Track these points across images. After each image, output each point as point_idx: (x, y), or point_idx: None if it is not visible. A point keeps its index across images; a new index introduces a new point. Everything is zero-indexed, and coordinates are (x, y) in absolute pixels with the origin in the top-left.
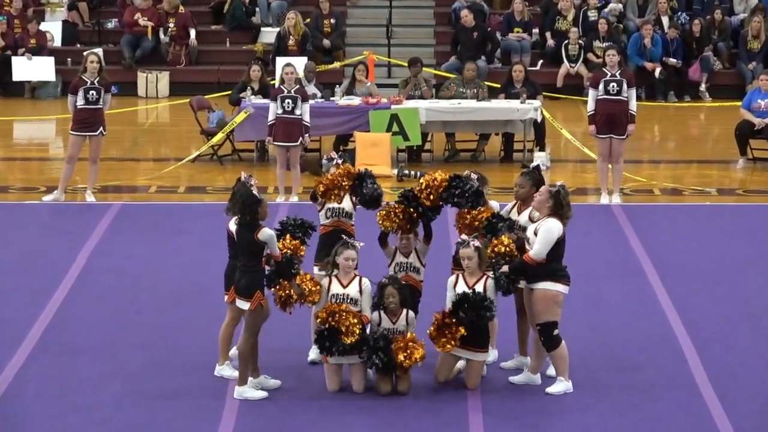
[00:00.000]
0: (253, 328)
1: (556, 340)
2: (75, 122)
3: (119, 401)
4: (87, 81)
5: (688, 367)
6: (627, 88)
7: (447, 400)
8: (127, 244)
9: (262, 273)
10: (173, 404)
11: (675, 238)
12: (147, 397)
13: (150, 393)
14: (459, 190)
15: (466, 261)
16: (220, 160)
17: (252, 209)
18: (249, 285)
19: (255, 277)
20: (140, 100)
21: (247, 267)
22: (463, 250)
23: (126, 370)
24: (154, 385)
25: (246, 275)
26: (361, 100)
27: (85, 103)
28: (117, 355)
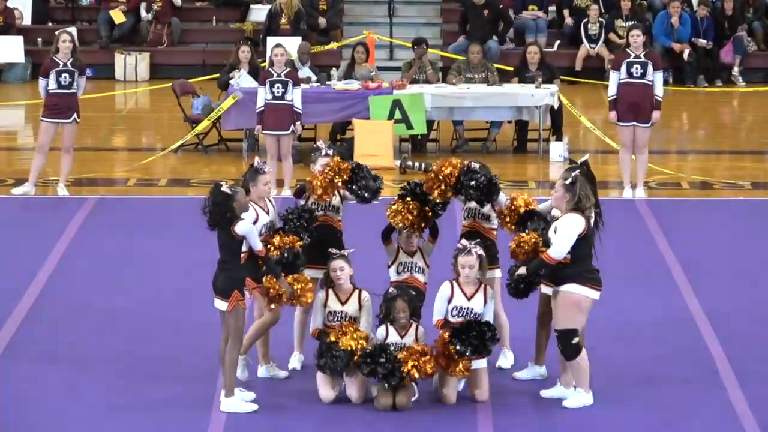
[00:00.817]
0: (237, 333)
1: (575, 348)
2: (46, 108)
3: (93, 415)
4: (59, 63)
5: (721, 380)
6: (652, 71)
7: (454, 415)
8: (103, 243)
9: (241, 271)
10: (153, 418)
11: (705, 236)
12: (124, 410)
13: (127, 406)
14: (473, 181)
15: (467, 270)
16: (206, 150)
17: (226, 206)
18: (226, 284)
19: (233, 275)
20: (118, 83)
21: (226, 264)
22: (463, 258)
23: (101, 381)
24: (132, 397)
25: (223, 273)
26: (360, 84)
27: (58, 87)
28: (91, 365)
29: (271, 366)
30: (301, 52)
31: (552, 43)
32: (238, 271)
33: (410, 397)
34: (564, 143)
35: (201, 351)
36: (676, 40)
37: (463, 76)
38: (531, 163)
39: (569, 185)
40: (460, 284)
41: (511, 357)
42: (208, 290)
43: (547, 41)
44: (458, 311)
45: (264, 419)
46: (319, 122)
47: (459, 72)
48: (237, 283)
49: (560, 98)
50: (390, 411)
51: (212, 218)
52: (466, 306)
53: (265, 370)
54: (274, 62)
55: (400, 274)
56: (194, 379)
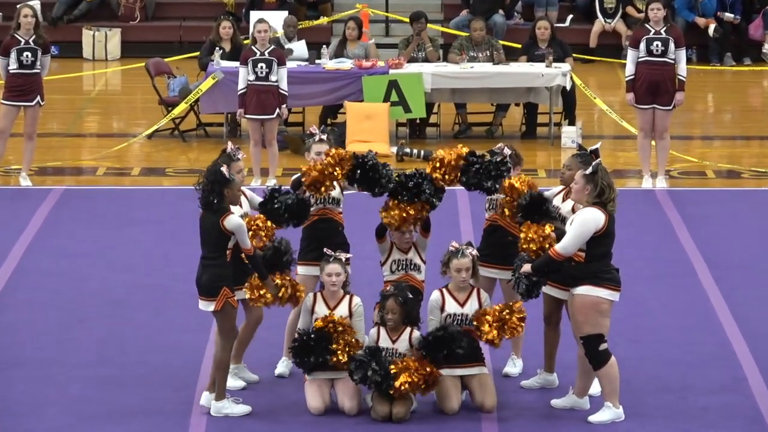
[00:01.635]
0: (228, 333)
1: (603, 356)
2: (7, 90)
3: (60, 427)
4: (21, 40)
5: (749, 388)
6: (674, 48)
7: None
8: (70, 238)
9: (227, 267)
10: (125, 428)
11: (732, 230)
12: (96, 420)
13: (99, 415)
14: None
15: (463, 274)
16: (183, 136)
17: (217, 188)
18: (212, 281)
19: (219, 272)
20: (86, 63)
21: (210, 260)
22: (458, 261)
23: (69, 389)
24: (103, 405)
25: (208, 270)
26: (353, 63)
27: (19, 67)
28: (58, 371)
29: (241, 367)
30: (287, 25)
31: (564, 17)
32: (224, 268)
33: (408, 408)
34: (577, 128)
35: (176, 354)
36: (701, 15)
37: (466, 54)
38: (541, 150)
39: (590, 175)
40: (450, 291)
41: (520, 364)
42: (184, 288)
43: (558, 16)
44: (452, 319)
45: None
46: (307, 105)
47: (461, 50)
48: (224, 279)
49: (573, 78)
50: (387, 422)
51: (204, 197)
52: (460, 312)
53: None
54: (257, 39)
55: (395, 272)
56: (170, 384)
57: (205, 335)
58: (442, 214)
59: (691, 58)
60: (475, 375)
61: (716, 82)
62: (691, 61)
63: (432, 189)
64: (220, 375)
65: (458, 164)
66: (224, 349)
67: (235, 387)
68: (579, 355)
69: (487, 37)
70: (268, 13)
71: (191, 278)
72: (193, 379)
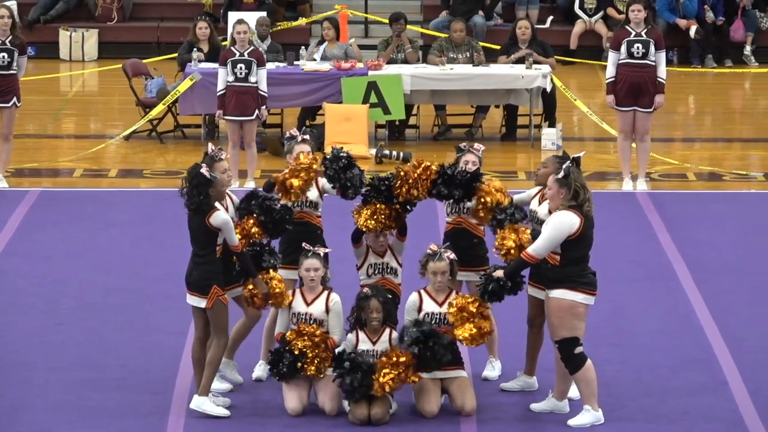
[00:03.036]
0: (222, 330)
1: (578, 359)
2: None
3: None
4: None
5: (730, 391)
6: (655, 50)
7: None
8: (47, 240)
9: (217, 264)
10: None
11: (713, 233)
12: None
13: (76, 419)
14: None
15: (440, 277)
16: (160, 138)
17: (201, 190)
18: (202, 279)
19: (209, 269)
20: (63, 64)
21: (200, 257)
22: (434, 264)
23: (46, 392)
24: (80, 409)
25: (198, 267)
26: (332, 64)
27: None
28: (35, 374)
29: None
30: (259, 25)
31: (544, 18)
32: (214, 264)
33: (387, 410)
34: (557, 130)
35: (154, 357)
36: (682, 16)
37: (446, 55)
38: (521, 152)
39: (563, 179)
40: (429, 292)
41: (498, 367)
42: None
43: (538, 16)
44: (431, 318)
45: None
46: (285, 107)
47: (441, 51)
48: (215, 277)
49: (553, 80)
50: (365, 424)
51: (192, 201)
52: (438, 312)
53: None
54: (237, 40)
55: (371, 276)
56: (149, 387)
57: (183, 338)
58: (420, 216)
59: (672, 59)
60: (454, 378)
61: (697, 84)
62: (672, 63)
63: None
64: (209, 371)
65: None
66: (218, 347)
67: (221, 389)
68: (557, 358)
69: (467, 38)
70: (246, 14)
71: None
72: (171, 381)
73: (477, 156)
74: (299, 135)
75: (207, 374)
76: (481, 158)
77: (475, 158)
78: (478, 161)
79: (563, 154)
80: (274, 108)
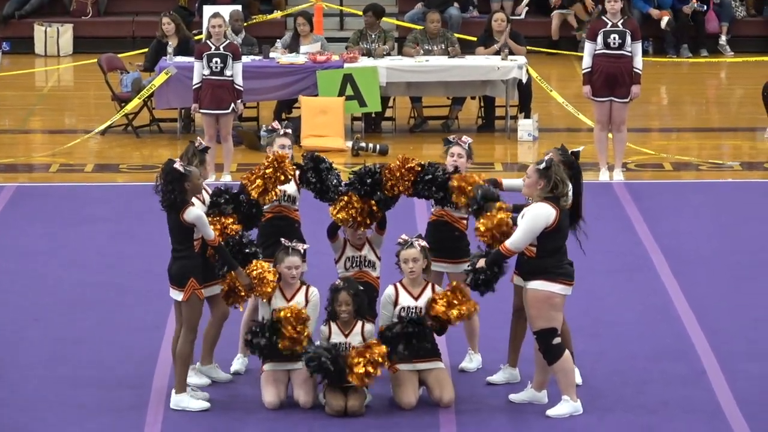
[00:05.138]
0: (192, 324)
1: (556, 350)
2: None
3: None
4: None
5: (708, 381)
6: (631, 41)
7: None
8: (23, 236)
9: (195, 258)
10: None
11: (690, 223)
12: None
13: (53, 415)
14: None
15: (411, 264)
16: (136, 132)
17: (176, 185)
18: (180, 272)
19: (187, 263)
20: (38, 59)
21: (178, 252)
22: (405, 252)
23: (23, 389)
24: (57, 405)
25: (177, 261)
26: (308, 57)
27: None
28: (11, 370)
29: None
30: (233, 19)
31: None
32: (192, 259)
33: (363, 401)
34: (533, 121)
35: (133, 352)
36: (657, 6)
37: (421, 47)
38: (498, 143)
39: (544, 170)
40: (404, 285)
41: (477, 359)
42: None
43: (513, 7)
44: (407, 312)
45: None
46: (261, 100)
47: (416, 43)
48: (192, 270)
49: (529, 71)
50: (341, 416)
51: (165, 198)
52: (414, 305)
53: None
54: (213, 34)
55: (348, 269)
56: (126, 383)
57: (160, 332)
58: (399, 210)
59: (647, 50)
60: (432, 370)
61: (673, 74)
62: (647, 53)
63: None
64: (179, 367)
65: (408, 177)
66: (186, 341)
67: (199, 384)
68: (536, 349)
69: (442, 30)
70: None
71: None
72: (149, 377)
73: (464, 148)
74: (281, 128)
75: (178, 370)
76: (469, 151)
77: (461, 150)
78: (465, 153)
79: (562, 148)
80: (250, 101)
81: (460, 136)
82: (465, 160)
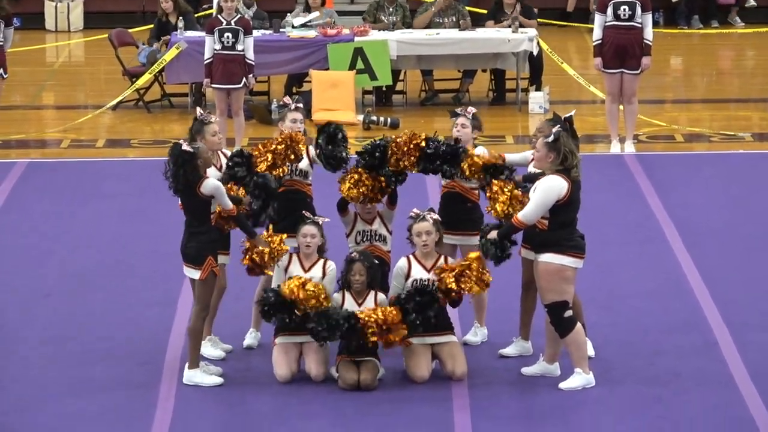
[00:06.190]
0: (204, 301)
1: (567, 323)
2: None
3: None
4: None
5: (721, 353)
6: (641, 12)
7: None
8: (34, 211)
9: (212, 233)
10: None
11: (702, 195)
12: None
13: (63, 391)
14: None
15: (424, 237)
16: (147, 107)
17: (189, 166)
18: (198, 250)
19: (204, 239)
20: (48, 34)
21: (195, 228)
22: (418, 225)
23: (33, 365)
24: (68, 380)
25: (193, 239)
26: (318, 31)
27: None
28: (21, 348)
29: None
30: None
31: None
32: (209, 234)
33: (375, 374)
34: (544, 93)
35: (141, 328)
36: None
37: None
38: (509, 116)
39: (552, 143)
40: (417, 258)
41: (482, 333)
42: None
43: None
44: (419, 284)
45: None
46: (272, 74)
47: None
48: (210, 248)
49: (540, 43)
50: (354, 389)
51: (175, 181)
52: (426, 278)
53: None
54: (224, 8)
55: (359, 243)
56: (136, 358)
57: (171, 309)
58: (410, 184)
59: (658, 21)
60: (444, 344)
61: (684, 45)
62: (658, 25)
63: None
64: (192, 343)
65: (414, 153)
66: (198, 317)
67: (215, 356)
68: (547, 322)
69: (453, 3)
70: None
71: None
72: (160, 353)
73: (468, 119)
74: (292, 103)
75: (191, 346)
76: (475, 122)
77: (465, 121)
78: (469, 124)
79: (554, 116)
80: (261, 75)
81: (465, 107)
82: (469, 130)
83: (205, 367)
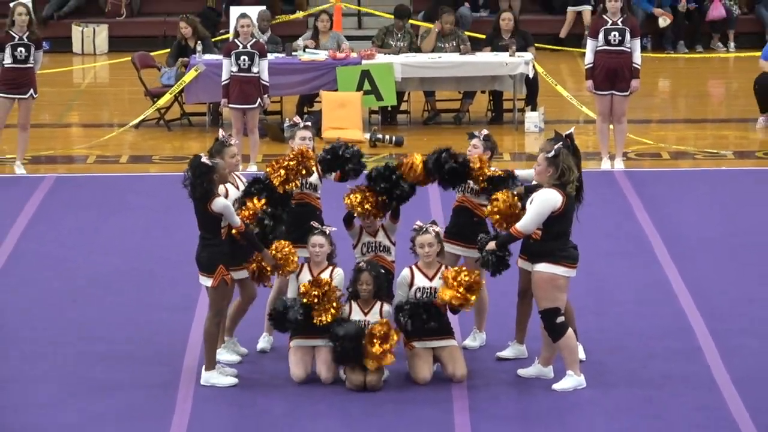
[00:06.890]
0: (217, 306)
1: (559, 328)
2: (2, 83)
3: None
4: (15, 36)
5: (705, 357)
6: (630, 37)
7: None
8: (62, 223)
9: (223, 245)
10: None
11: (687, 208)
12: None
13: (89, 390)
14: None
15: (426, 249)
16: (168, 126)
17: (204, 178)
18: (210, 259)
19: (215, 250)
20: (75, 57)
21: (206, 240)
22: (421, 237)
23: (61, 365)
24: (93, 381)
25: (205, 249)
26: (327, 54)
27: (13, 62)
28: (52, 349)
29: (233, 341)
30: (261, 19)
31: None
32: (220, 246)
33: (381, 377)
34: (539, 113)
35: (163, 331)
36: (658, 5)
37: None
38: (506, 135)
39: (552, 158)
40: (419, 267)
41: (481, 338)
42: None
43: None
44: (422, 292)
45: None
46: (284, 95)
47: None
48: (221, 257)
49: (535, 67)
50: (361, 390)
51: (193, 190)
52: (428, 286)
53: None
54: (240, 33)
55: (365, 254)
56: (157, 360)
57: (191, 314)
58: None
59: (646, 46)
60: (445, 347)
61: (670, 68)
62: (646, 49)
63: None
64: (207, 346)
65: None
66: (212, 323)
67: (231, 361)
68: (542, 327)
69: (454, 29)
70: (246, 8)
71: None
72: (180, 355)
73: (480, 140)
74: (301, 122)
75: (207, 349)
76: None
77: (477, 142)
78: (480, 145)
79: (555, 134)
80: (274, 96)
81: (481, 130)
82: (480, 150)
83: (221, 368)
